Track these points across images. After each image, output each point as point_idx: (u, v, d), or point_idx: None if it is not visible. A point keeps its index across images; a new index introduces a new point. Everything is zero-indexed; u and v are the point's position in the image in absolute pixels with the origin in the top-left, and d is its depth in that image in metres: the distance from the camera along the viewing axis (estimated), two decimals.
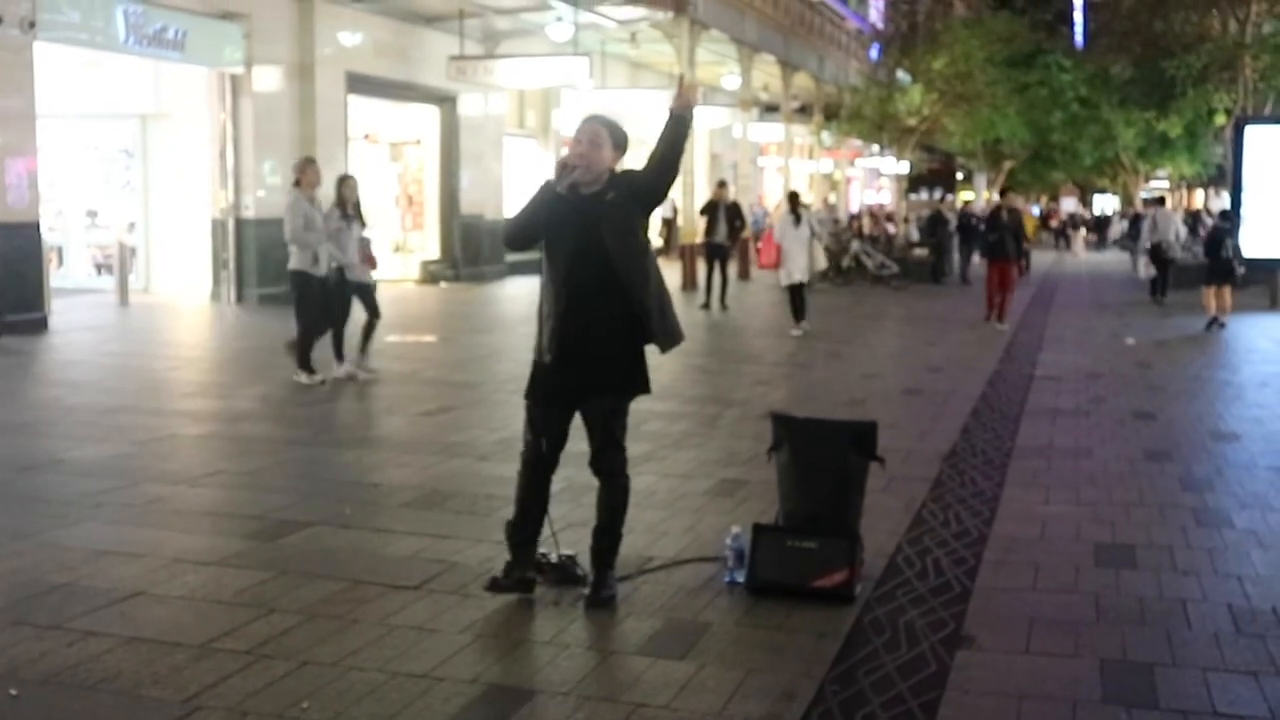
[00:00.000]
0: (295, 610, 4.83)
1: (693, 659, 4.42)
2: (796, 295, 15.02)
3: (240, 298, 17.90)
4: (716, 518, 6.22)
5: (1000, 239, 16.84)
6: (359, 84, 20.16)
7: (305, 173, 10.68)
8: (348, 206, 10.69)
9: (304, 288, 10.52)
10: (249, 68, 18.05)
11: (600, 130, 4.90)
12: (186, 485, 6.94)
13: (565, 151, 4.96)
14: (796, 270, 15.03)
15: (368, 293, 10.87)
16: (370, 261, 10.91)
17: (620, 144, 4.97)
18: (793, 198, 16.11)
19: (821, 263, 20.53)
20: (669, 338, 4.94)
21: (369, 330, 10.92)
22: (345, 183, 10.89)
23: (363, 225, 10.89)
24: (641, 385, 5.01)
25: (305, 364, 10.47)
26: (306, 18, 18.92)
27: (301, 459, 7.69)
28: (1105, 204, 64.94)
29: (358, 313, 10.86)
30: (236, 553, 5.61)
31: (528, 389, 5.04)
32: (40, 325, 14.15)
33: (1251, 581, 5.41)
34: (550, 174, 4.94)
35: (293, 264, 10.55)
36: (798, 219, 15.31)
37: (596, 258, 4.81)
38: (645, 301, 4.86)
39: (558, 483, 5.15)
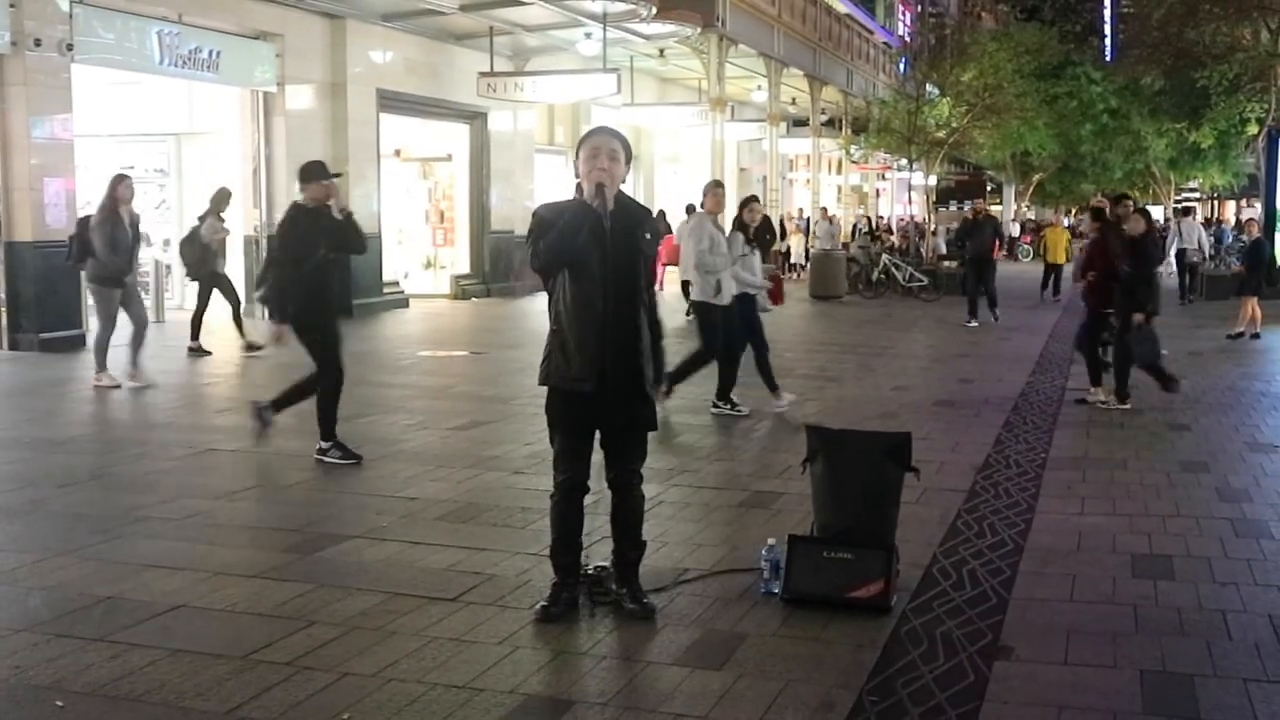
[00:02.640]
0: (335, 622, 4.87)
1: (730, 670, 4.43)
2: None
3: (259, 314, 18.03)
4: (752, 530, 6.23)
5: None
6: (390, 101, 20.32)
7: (712, 196, 9.90)
8: (749, 231, 10.15)
9: (706, 316, 9.77)
10: (281, 86, 18.22)
11: (615, 145, 4.88)
12: (225, 500, 7.01)
13: (581, 169, 4.87)
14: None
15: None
16: (776, 293, 10.18)
17: (629, 154, 4.96)
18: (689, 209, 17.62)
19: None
20: (653, 385, 4.96)
21: (761, 362, 10.19)
22: (749, 206, 10.35)
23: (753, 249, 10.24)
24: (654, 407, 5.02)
25: (724, 395, 9.88)
26: (338, 36, 19.09)
27: (337, 473, 7.75)
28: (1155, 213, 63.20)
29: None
30: (276, 566, 5.66)
31: (556, 419, 4.98)
32: (78, 342, 14.30)
33: None
34: (581, 193, 4.86)
35: (695, 294, 9.87)
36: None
37: (632, 279, 4.82)
38: (644, 341, 4.89)
39: (588, 498, 5.15)
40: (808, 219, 33.75)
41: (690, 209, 20.48)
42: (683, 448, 8.47)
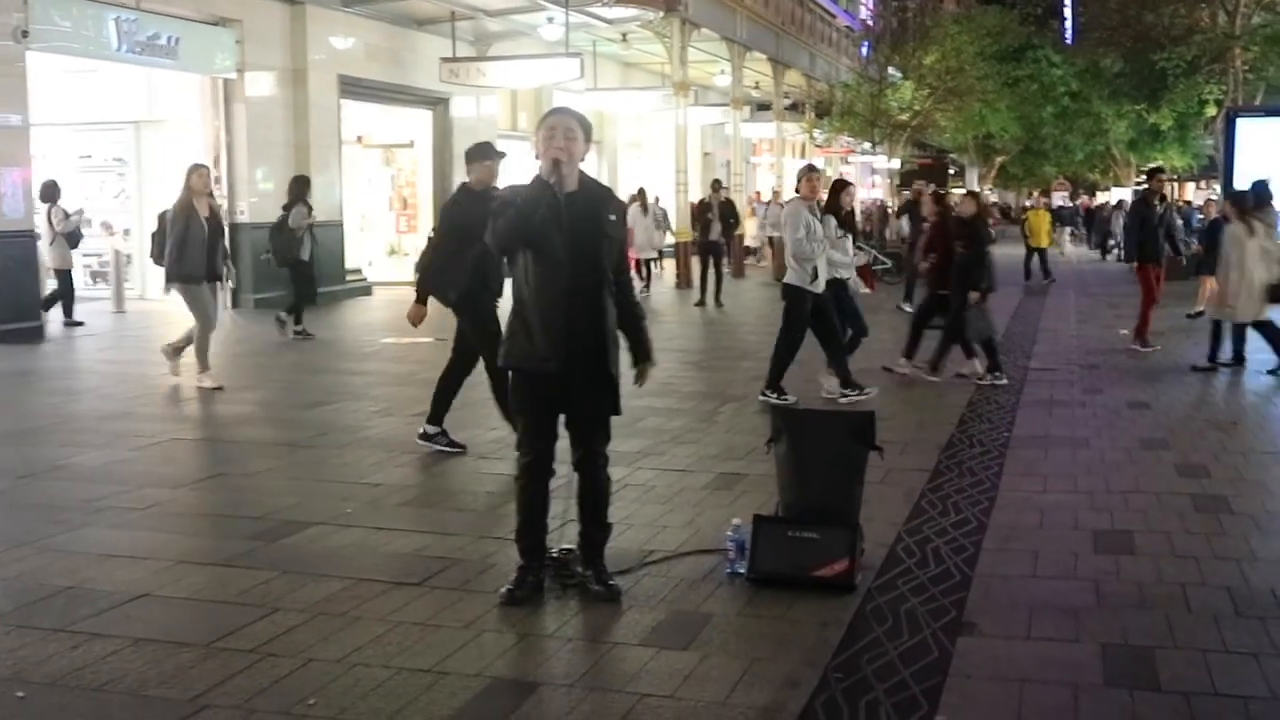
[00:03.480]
0: (299, 609, 4.85)
1: (696, 649, 4.44)
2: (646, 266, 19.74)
3: (236, 303, 17.89)
4: (716, 511, 6.24)
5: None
6: (351, 88, 20.19)
7: (808, 181, 9.63)
8: (841, 214, 10.00)
9: (796, 303, 9.53)
10: (241, 73, 18.05)
11: (573, 124, 4.83)
12: (187, 489, 6.96)
13: (540, 148, 4.81)
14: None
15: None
16: (867, 275, 10.08)
17: (588, 134, 4.93)
18: (640, 192, 20.21)
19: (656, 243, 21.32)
20: (617, 369, 4.90)
21: (854, 344, 10.26)
22: (845, 189, 10.28)
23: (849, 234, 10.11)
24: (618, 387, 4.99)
25: (774, 384, 9.64)
26: (298, 23, 18.94)
27: (301, 461, 7.71)
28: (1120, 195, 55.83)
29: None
30: (239, 553, 5.63)
31: (520, 400, 4.98)
32: (37, 334, 14.16)
33: (1250, 565, 5.45)
34: (539, 171, 4.80)
35: (787, 278, 9.63)
36: (645, 209, 19.95)
37: (594, 259, 4.78)
38: (609, 323, 4.85)
39: (554, 481, 5.14)
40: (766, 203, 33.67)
41: (639, 194, 20.51)
42: (648, 431, 8.47)
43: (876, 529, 5.76)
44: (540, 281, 4.74)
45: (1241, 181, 20.05)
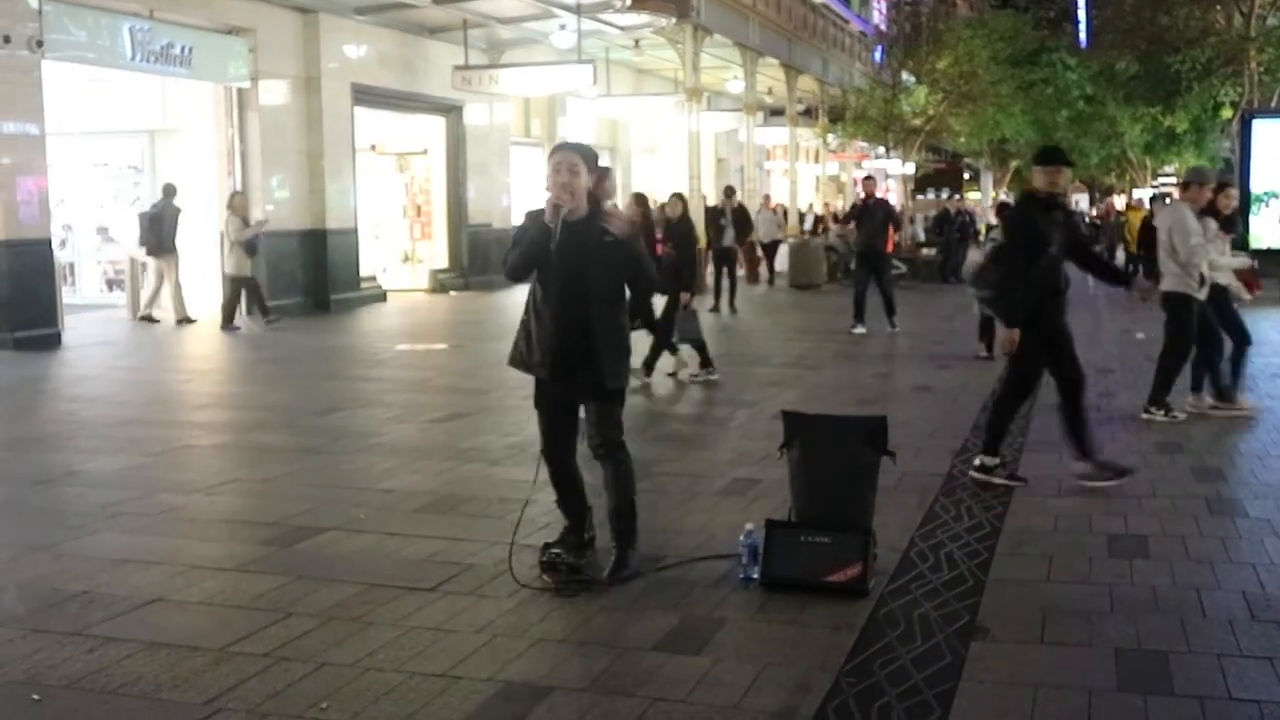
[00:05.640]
0: (312, 614, 4.86)
1: (709, 654, 4.44)
2: None
3: (251, 311, 17.96)
4: (730, 516, 6.24)
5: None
6: (364, 96, 20.24)
7: (1198, 189, 9.12)
8: (1220, 218, 9.56)
9: (1182, 312, 9.00)
10: (255, 82, 18.12)
11: (575, 159, 5.20)
12: (201, 494, 6.99)
13: (547, 188, 5.20)
14: None
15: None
16: (1250, 280, 9.58)
17: (593, 164, 5.31)
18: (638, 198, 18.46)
19: None
20: (615, 379, 5.31)
21: (1237, 355, 9.53)
22: (1224, 191, 9.81)
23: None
24: (621, 390, 5.38)
25: (1159, 400, 9.14)
26: (311, 31, 19.00)
27: (314, 467, 7.73)
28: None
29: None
30: (253, 559, 5.65)
31: (535, 398, 5.48)
32: (54, 341, 14.23)
33: (1266, 569, 5.42)
34: (541, 205, 5.22)
35: (1169, 285, 8.99)
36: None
37: (579, 286, 5.19)
38: (601, 339, 5.23)
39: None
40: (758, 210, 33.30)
41: (638, 200, 20.28)
42: (663, 437, 8.47)
43: (889, 534, 5.75)
44: (539, 304, 5.28)
45: (1258, 184, 20.06)
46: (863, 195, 16.53)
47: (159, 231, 16.66)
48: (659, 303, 10.91)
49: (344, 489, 7.08)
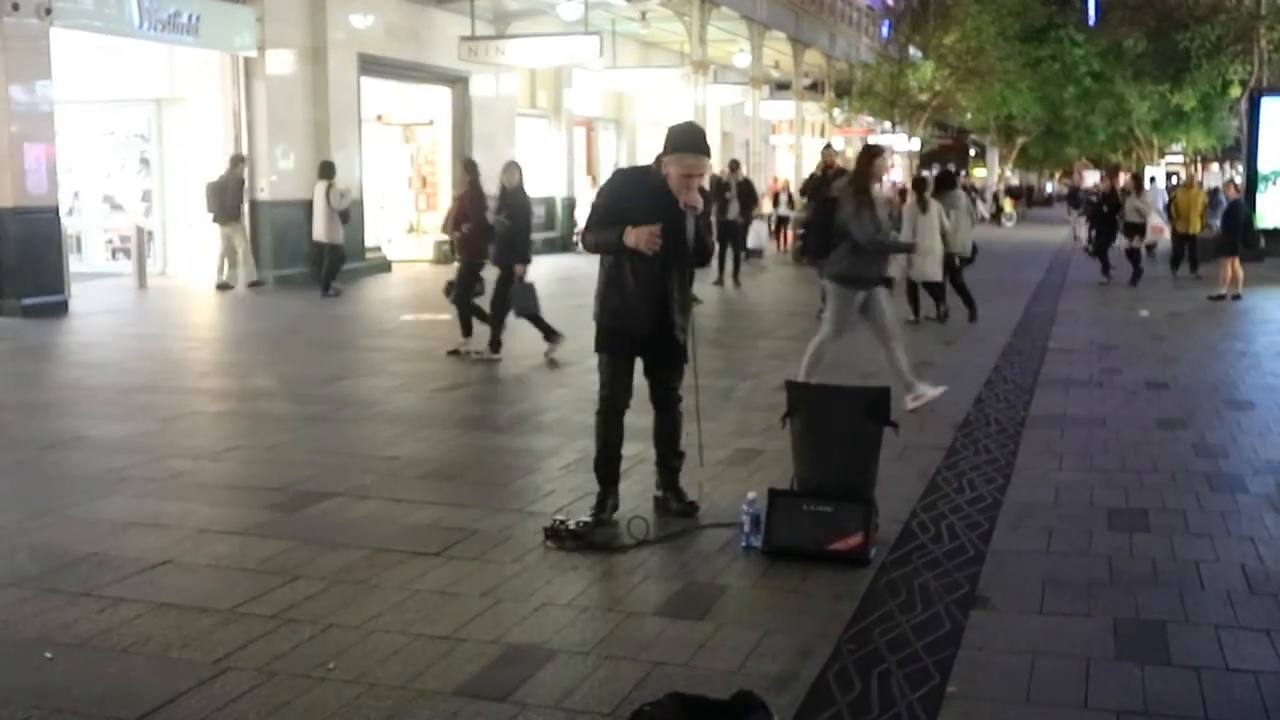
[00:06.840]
0: (319, 577, 4.92)
1: (711, 620, 4.49)
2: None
3: (258, 279, 18.00)
4: (733, 485, 6.29)
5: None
6: (371, 66, 20.20)
7: None
8: None
9: None
10: (262, 51, 18.10)
11: (706, 163, 5.57)
12: (208, 460, 7.04)
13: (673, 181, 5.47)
14: None
15: None
16: None
17: (709, 153, 5.65)
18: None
19: None
20: (684, 334, 5.76)
21: None
22: None
23: None
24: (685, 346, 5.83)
25: None
26: (318, 0, 18.95)
27: (320, 434, 7.78)
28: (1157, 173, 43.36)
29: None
30: (260, 523, 5.70)
31: (607, 349, 5.72)
32: (61, 308, 14.27)
33: (1264, 543, 5.46)
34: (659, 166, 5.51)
35: None
36: None
37: (670, 254, 5.48)
38: (680, 301, 5.69)
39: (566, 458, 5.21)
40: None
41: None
42: None
43: (891, 505, 5.79)
44: (638, 269, 5.53)
45: (1266, 163, 20.04)
46: (821, 168, 15.23)
47: (223, 200, 17.07)
48: (491, 276, 10.78)
49: (349, 456, 7.13)
